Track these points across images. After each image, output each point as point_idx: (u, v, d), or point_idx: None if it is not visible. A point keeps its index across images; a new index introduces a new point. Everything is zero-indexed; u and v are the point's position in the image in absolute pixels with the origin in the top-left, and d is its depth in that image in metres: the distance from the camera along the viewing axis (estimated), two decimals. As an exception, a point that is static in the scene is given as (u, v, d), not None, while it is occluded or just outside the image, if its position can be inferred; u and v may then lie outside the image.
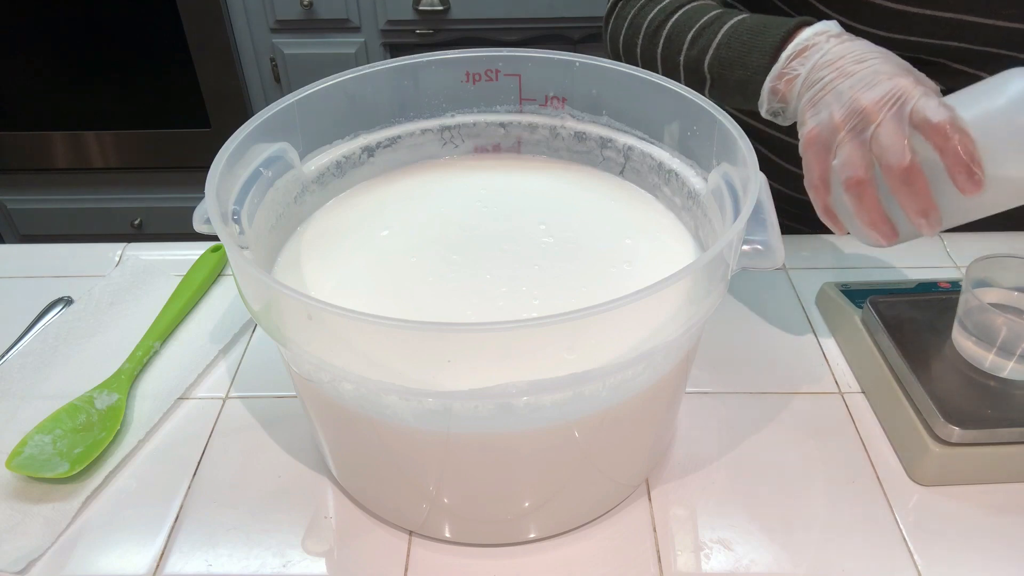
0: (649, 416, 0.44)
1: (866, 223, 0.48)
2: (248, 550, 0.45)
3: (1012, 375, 0.49)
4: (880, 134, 0.46)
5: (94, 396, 0.53)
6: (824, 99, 0.49)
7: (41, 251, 0.70)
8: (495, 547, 0.45)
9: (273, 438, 0.52)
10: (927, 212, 0.46)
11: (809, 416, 0.53)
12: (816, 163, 0.49)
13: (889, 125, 0.46)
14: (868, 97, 0.47)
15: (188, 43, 1.59)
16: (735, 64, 0.57)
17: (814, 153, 0.49)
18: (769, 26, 0.55)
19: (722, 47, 0.58)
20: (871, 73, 0.48)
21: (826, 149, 0.49)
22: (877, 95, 0.47)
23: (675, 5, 0.65)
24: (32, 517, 0.46)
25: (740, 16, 0.59)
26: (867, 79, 0.48)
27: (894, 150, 0.45)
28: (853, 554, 0.45)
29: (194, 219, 0.41)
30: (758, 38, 0.55)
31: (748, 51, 0.55)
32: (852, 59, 0.50)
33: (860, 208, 0.48)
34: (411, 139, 0.55)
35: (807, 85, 0.51)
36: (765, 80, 0.54)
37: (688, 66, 0.62)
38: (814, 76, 0.51)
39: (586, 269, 0.47)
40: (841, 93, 0.48)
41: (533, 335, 0.33)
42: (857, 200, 0.47)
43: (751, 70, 0.55)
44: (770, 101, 0.54)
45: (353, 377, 0.36)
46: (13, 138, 1.74)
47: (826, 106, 0.49)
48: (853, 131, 0.47)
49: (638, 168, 0.53)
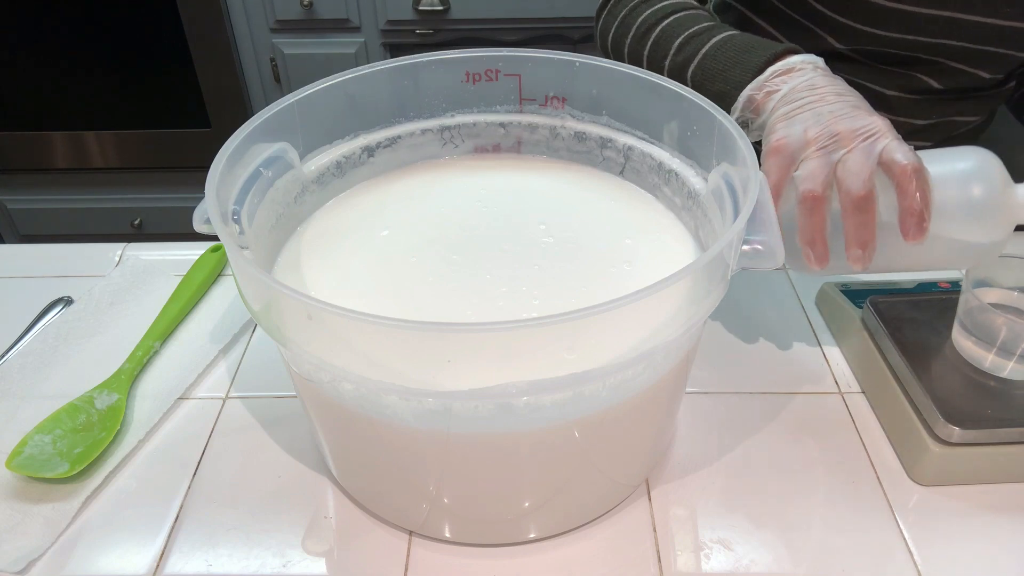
0: (649, 416, 0.44)
1: (806, 240, 0.49)
2: (248, 550, 0.45)
3: (1012, 375, 0.49)
4: (848, 159, 0.47)
5: (94, 396, 0.53)
6: (800, 115, 0.50)
7: (41, 251, 0.70)
8: (495, 547, 0.45)
9: (273, 438, 0.52)
10: (866, 244, 0.48)
11: (809, 416, 0.53)
12: (776, 171, 0.49)
13: (859, 154, 0.47)
14: (844, 125, 0.48)
15: (188, 43, 1.59)
16: (717, 77, 0.58)
17: (776, 161, 0.49)
18: (757, 46, 0.56)
19: (708, 58, 0.59)
20: (850, 108, 0.50)
21: (790, 160, 0.49)
22: (854, 125, 0.48)
23: (668, 10, 0.65)
24: (32, 517, 0.46)
25: (730, 32, 0.60)
26: (846, 111, 0.49)
27: (859, 177, 0.47)
28: (853, 554, 0.45)
29: (194, 219, 0.41)
30: (744, 55, 0.56)
31: (732, 66, 0.57)
32: (833, 91, 0.51)
33: (807, 223, 0.48)
34: (411, 139, 0.55)
35: (785, 101, 0.52)
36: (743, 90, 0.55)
37: (672, 71, 0.63)
38: (794, 95, 0.52)
39: (586, 269, 0.47)
40: (820, 115, 0.50)
41: (533, 335, 0.33)
42: (807, 215, 0.48)
43: (731, 84, 0.56)
44: (743, 110, 0.55)
45: (353, 377, 0.36)
46: (13, 138, 1.74)
47: (801, 122, 0.50)
48: (823, 150, 0.48)
49: (638, 168, 0.53)
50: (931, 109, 0.73)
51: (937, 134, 0.76)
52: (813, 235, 0.48)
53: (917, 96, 0.72)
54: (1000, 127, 0.83)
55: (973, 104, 0.74)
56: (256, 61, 1.63)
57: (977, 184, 0.47)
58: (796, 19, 0.71)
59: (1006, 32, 0.64)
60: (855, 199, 0.46)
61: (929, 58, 0.68)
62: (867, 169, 0.46)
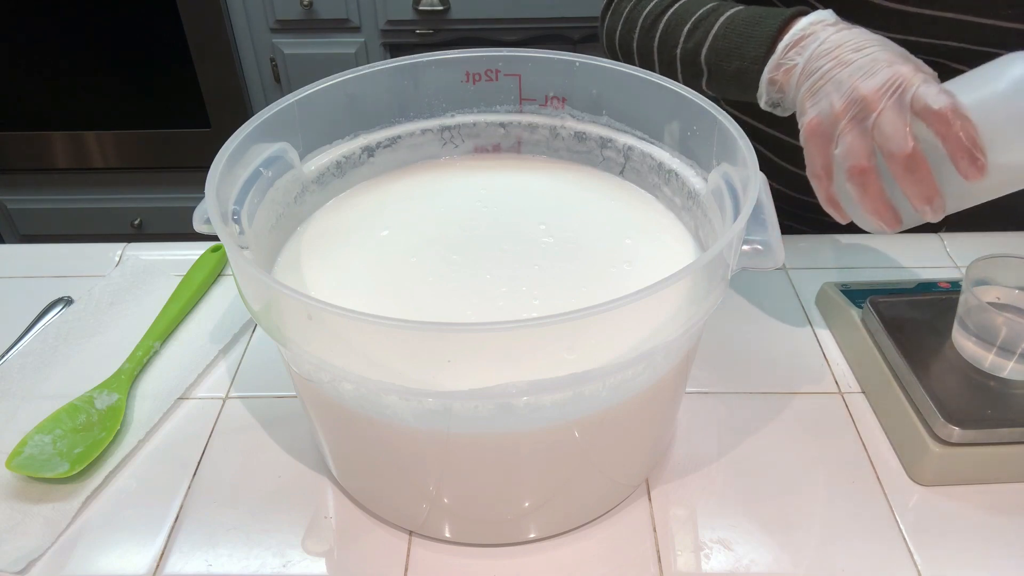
0: (649, 416, 0.44)
1: (870, 211, 0.48)
2: (248, 550, 0.45)
3: (1012, 375, 0.49)
4: (882, 122, 0.46)
5: (94, 396, 0.53)
6: (824, 88, 0.49)
7: (41, 251, 0.70)
8: (495, 547, 0.45)
9: (273, 438, 0.52)
10: (931, 198, 0.46)
11: (809, 416, 0.53)
12: (818, 153, 0.49)
13: (890, 113, 0.46)
14: (868, 85, 0.47)
15: (188, 43, 1.59)
16: (732, 55, 0.57)
17: (816, 143, 0.49)
18: (765, 16, 0.56)
19: (718, 38, 0.58)
20: (870, 61, 0.48)
21: (827, 138, 0.49)
22: (877, 83, 0.47)
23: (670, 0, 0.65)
24: (32, 517, 0.46)
25: (736, 8, 0.59)
26: (866, 67, 0.48)
27: (896, 138, 0.45)
28: (853, 554, 0.45)
29: (194, 219, 0.41)
30: (754, 28, 0.55)
31: (744, 41, 0.56)
32: (850, 47, 0.49)
33: (864, 196, 0.48)
34: (411, 139, 0.55)
35: (805, 74, 0.51)
36: (763, 71, 0.54)
37: (685, 59, 0.62)
38: (812, 65, 0.50)
39: (586, 269, 0.47)
40: (841, 82, 0.48)
41: (533, 335, 0.33)
42: (861, 188, 0.47)
43: (748, 60, 0.55)
44: (768, 92, 0.54)
45: (353, 377, 0.36)
46: (13, 138, 1.74)
47: (826, 95, 0.49)
48: (854, 119, 0.47)
49: (638, 168, 0.53)
50: None
51: None
52: (875, 205, 0.47)
53: None
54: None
55: None
56: (256, 61, 1.63)
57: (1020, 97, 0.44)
58: None
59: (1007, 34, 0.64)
60: (900, 161, 0.45)
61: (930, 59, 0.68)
62: (902, 126, 0.45)
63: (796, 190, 0.77)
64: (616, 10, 0.71)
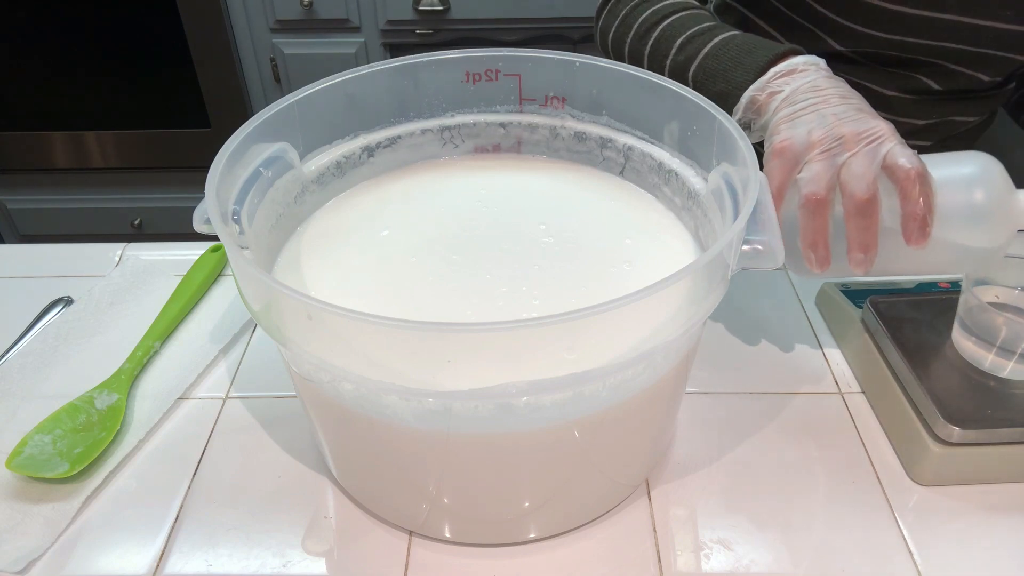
0: (649, 416, 0.44)
1: (808, 243, 0.49)
2: (248, 550, 0.45)
3: (1012, 375, 0.49)
4: (853, 163, 0.47)
5: (94, 396, 0.53)
6: (804, 117, 0.50)
7: (41, 251, 0.70)
8: (495, 547, 0.45)
9: (273, 438, 0.52)
10: (868, 248, 0.47)
11: (809, 416, 0.53)
12: (779, 173, 0.49)
13: (863, 157, 0.47)
14: (849, 128, 0.48)
15: (188, 43, 1.59)
16: (718, 77, 0.58)
17: (780, 163, 0.49)
18: (759, 47, 0.56)
19: (709, 58, 0.59)
20: (854, 110, 0.50)
21: (793, 162, 0.49)
22: (858, 128, 0.48)
23: (669, 10, 0.65)
24: (32, 517, 0.46)
25: (732, 32, 0.60)
26: (850, 114, 0.49)
27: (863, 180, 0.46)
28: (853, 554, 0.45)
29: (194, 219, 0.41)
30: (746, 56, 0.56)
31: (734, 67, 0.56)
32: (837, 93, 0.51)
33: (809, 226, 0.48)
34: (411, 139, 0.55)
35: (788, 102, 0.52)
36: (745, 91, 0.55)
37: (673, 71, 0.63)
38: (797, 96, 0.51)
39: (586, 269, 0.47)
40: (824, 117, 0.49)
41: (533, 335, 0.33)
42: (809, 217, 0.48)
43: (733, 85, 0.56)
44: (745, 111, 0.55)
45: (353, 377, 0.36)
46: (13, 138, 1.74)
47: (805, 124, 0.50)
48: (827, 153, 0.48)
49: (638, 168, 0.53)
50: (931, 110, 0.73)
51: (937, 134, 0.76)
52: (815, 238, 0.48)
53: (917, 97, 0.72)
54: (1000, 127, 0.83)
55: (973, 105, 0.74)
56: (256, 61, 1.63)
57: (980, 189, 0.47)
58: (796, 20, 0.71)
59: (1005, 35, 0.64)
60: (858, 203, 0.46)
61: (929, 60, 0.68)
62: (871, 173, 0.46)
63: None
64: (612, 10, 0.71)
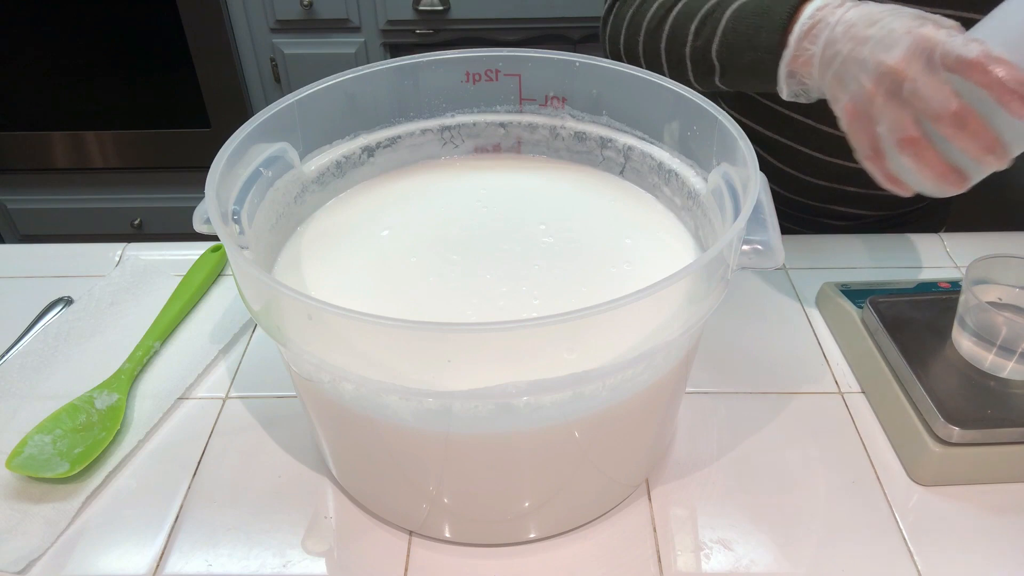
0: (649, 416, 0.44)
1: (932, 177, 0.47)
2: (248, 550, 0.45)
3: (1012, 375, 0.49)
4: (917, 88, 0.45)
5: (94, 396, 0.53)
6: (848, 70, 0.48)
7: (41, 251, 0.70)
8: (495, 547, 0.45)
9: (273, 438, 0.52)
10: (991, 147, 0.45)
11: (809, 416, 0.53)
12: (862, 135, 0.48)
13: (923, 77, 0.45)
14: (892, 56, 0.46)
15: (188, 43, 1.59)
16: (744, 48, 0.56)
17: (857, 127, 0.48)
18: (772, 5, 0.55)
19: (728, 32, 0.57)
20: (886, 33, 0.47)
21: (867, 119, 0.48)
22: (900, 52, 0.46)
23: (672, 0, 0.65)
24: (32, 517, 0.46)
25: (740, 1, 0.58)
26: (884, 40, 0.47)
27: (937, 99, 0.44)
28: (853, 554, 0.45)
29: (194, 219, 0.41)
30: (763, 19, 0.54)
31: (755, 32, 0.55)
32: (863, 24, 0.49)
33: (921, 165, 0.47)
34: (411, 139, 0.55)
35: (825, 62, 0.50)
36: (780, 63, 0.53)
37: (695, 57, 0.61)
38: (829, 51, 0.50)
39: (586, 269, 0.47)
40: (864, 60, 0.47)
41: (533, 335, 0.33)
42: (916, 158, 0.46)
43: (761, 50, 0.54)
44: (789, 84, 0.54)
45: (353, 377, 0.36)
46: (13, 138, 1.74)
47: (853, 77, 0.48)
48: (889, 93, 0.46)
49: (638, 168, 0.53)
50: None
51: None
52: (937, 171, 0.46)
53: None
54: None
55: None
56: (256, 61, 1.63)
57: None
58: None
59: None
60: (948, 120, 0.44)
61: None
62: (939, 86, 0.44)
63: (795, 192, 0.77)
64: (618, 14, 0.70)
